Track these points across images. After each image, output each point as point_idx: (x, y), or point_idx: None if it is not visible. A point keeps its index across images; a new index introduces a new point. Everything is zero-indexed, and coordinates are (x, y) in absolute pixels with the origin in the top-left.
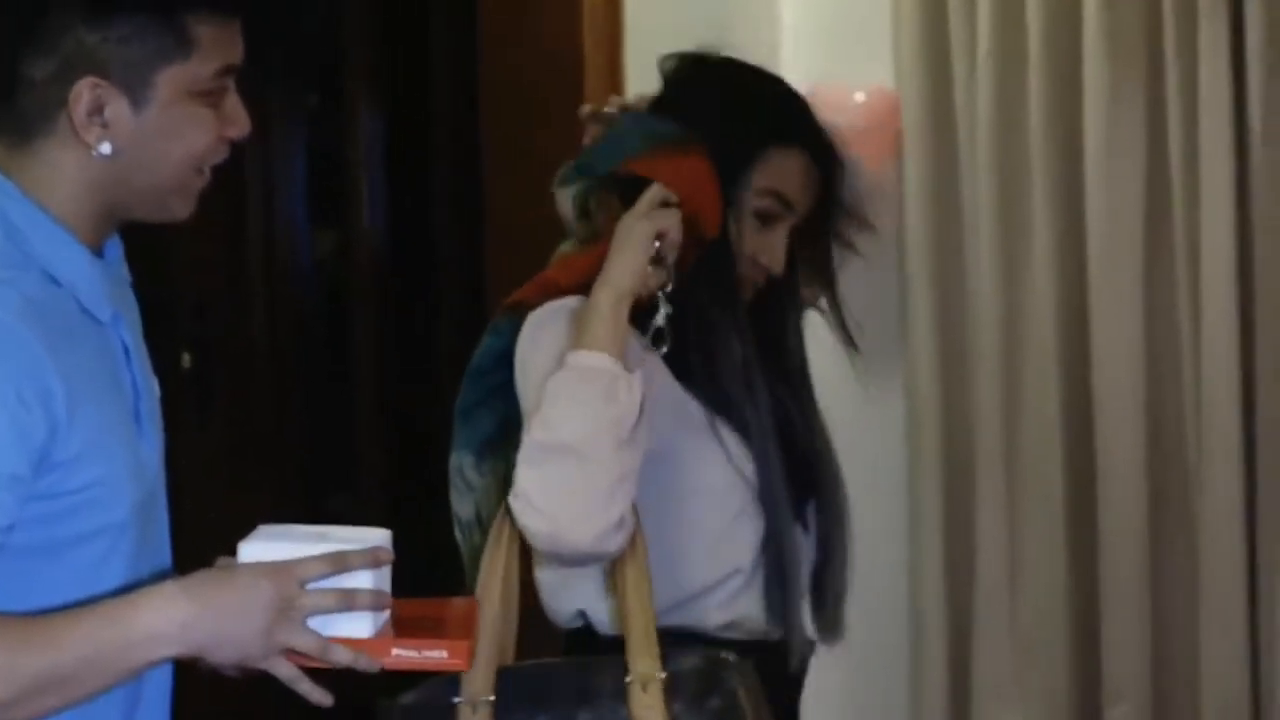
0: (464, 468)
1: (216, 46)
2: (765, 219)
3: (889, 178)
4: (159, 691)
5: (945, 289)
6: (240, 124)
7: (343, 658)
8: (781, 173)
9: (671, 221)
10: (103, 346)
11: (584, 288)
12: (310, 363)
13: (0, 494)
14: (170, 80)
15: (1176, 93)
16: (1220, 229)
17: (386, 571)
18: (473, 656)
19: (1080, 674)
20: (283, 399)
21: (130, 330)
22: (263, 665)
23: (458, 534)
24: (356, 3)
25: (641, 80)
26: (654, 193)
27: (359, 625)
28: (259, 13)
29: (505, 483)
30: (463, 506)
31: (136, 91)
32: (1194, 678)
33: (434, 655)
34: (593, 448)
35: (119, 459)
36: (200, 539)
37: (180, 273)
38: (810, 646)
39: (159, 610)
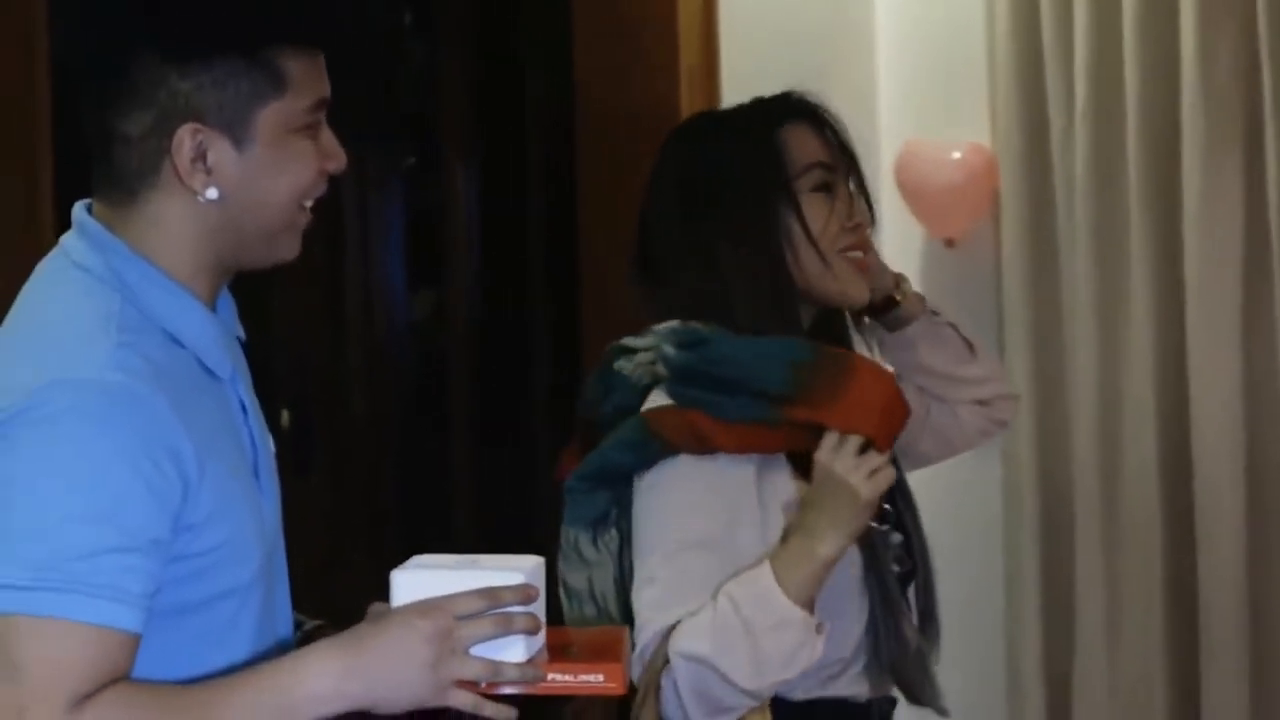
0: (579, 542)
1: (307, 81)
2: (825, 188)
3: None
4: None
5: (1042, 347)
6: (338, 157)
7: (511, 674)
8: (804, 144)
9: (888, 476)
10: (223, 405)
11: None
12: (407, 424)
13: (144, 560)
14: (269, 118)
15: (1275, 150)
16: None
17: (540, 602)
18: (627, 680)
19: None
20: (379, 460)
21: (245, 387)
22: (440, 701)
23: (564, 600)
24: (451, 63)
25: None
26: (853, 444)
27: (513, 652)
28: (340, 45)
29: (619, 558)
30: (574, 577)
31: (238, 133)
32: None
33: (590, 679)
34: (754, 695)
35: (244, 518)
36: (296, 599)
37: (280, 332)
38: (891, 704)
39: (313, 670)
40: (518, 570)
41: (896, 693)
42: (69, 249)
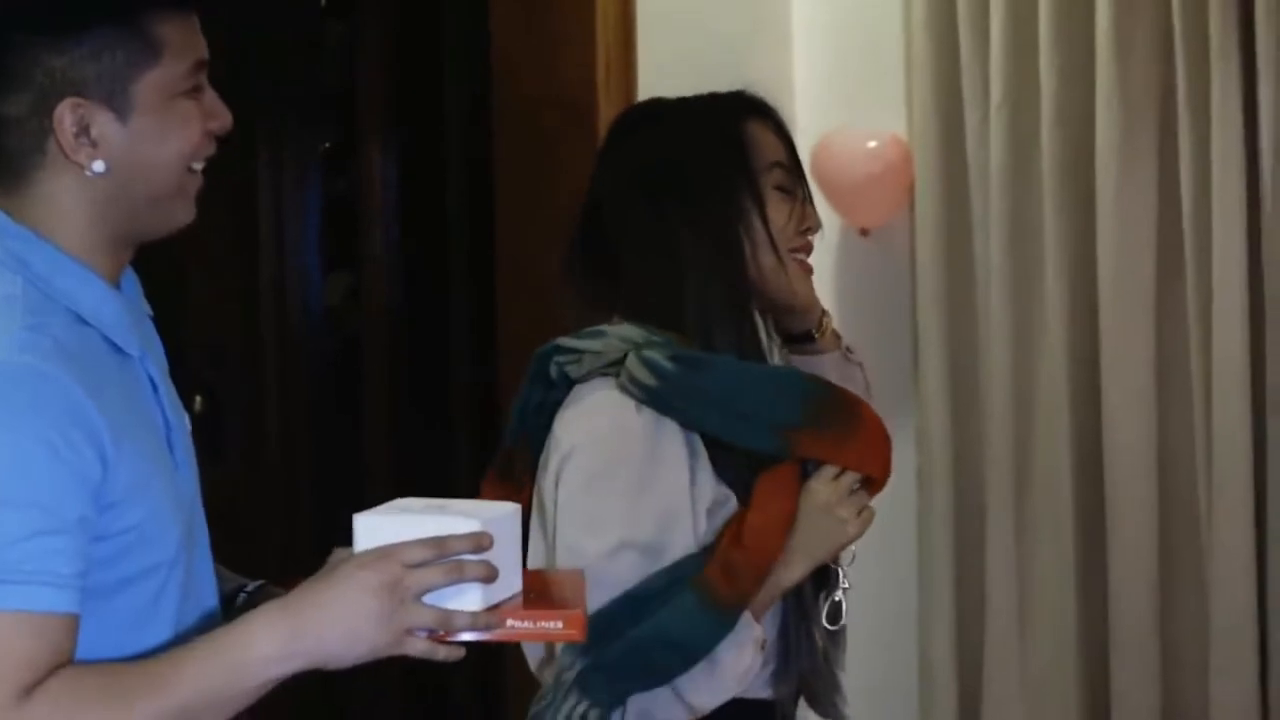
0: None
1: (183, 43)
2: (784, 190)
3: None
4: None
5: (956, 338)
6: (221, 117)
7: (463, 623)
8: (766, 142)
9: (871, 517)
10: (134, 381)
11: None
12: (322, 408)
13: (71, 540)
14: (149, 85)
15: (1189, 144)
16: (1232, 281)
17: (511, 549)
18: (586, 626)
19: (1091, 713)
20: (294, 444)
21: (156, 364)
22: (396, 650)
23: None
24: (368, 46)
25: None
26: (849, 481)
27: (469, 599)
28: (213, 5)
29: None
30: None
31: (119, 103)
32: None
33: (549, 626)
34: (699, 712)
35: (161, 494)
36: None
37: (193, 317)
38: (794, 702)
39: (261, 633)
40: (476, 517)
41: None
42: None
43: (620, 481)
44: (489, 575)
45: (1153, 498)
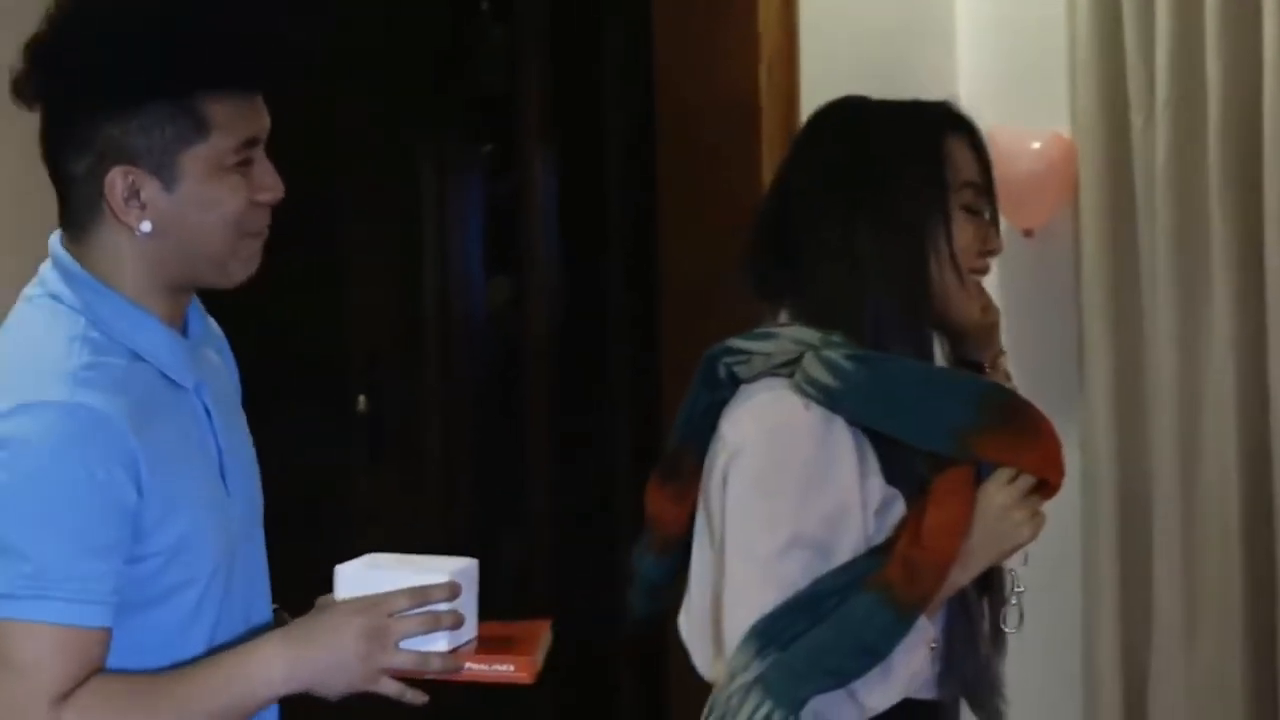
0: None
1: (232, 122)
2: (972, 210)
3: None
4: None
5: (1122, 339)
6: (269, 189)
7: (435, 665)
8: (963, 159)
9: (1044, 518)
10: (187, 412)
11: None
12: (482, 411)
13: (107, 563)
14: (195, 159)
15: None
16: None
17: (470, 598)
18: (538, 671)
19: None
20: (454, 447)
21: (214, 394)
22: (371, 688)
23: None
24: (529, 54)
25: None
26: (1025, 484)
27: (437, 643)
28: (271, 85)
29: None
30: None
31: (165, 174)
32: None
33: (502, 669)
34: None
35: (204, 515)
36: None
37: (355, 320)
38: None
39: (267, 659)
40: (444, 570)
41: None
42: (45, 278)
43: (790, 479)
44: (458, 623)
45: None
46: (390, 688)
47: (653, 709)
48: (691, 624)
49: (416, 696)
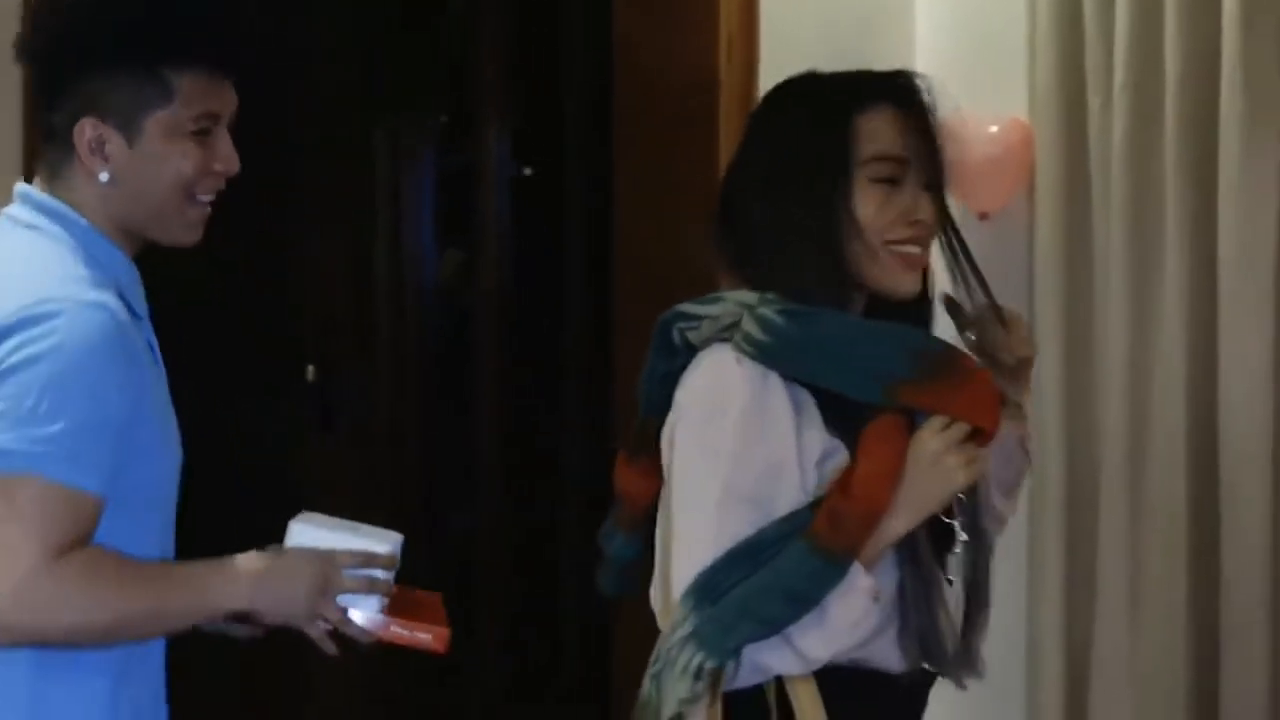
0: None
1: (196, 94)
2: (885, 180)
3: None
4: (152, 662)
5: (1074, 323)
6: (225, 162)
7: (353, 629)
8: (878, 133)
9: (985, 465)
10: (144, 337)
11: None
12: (432, 382)
13: (110, 438)
14: (156, 121)
15: None
16: None
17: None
18: (449, 642)
19: (1198, 709)
20: (404, 417)
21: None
22: (302, 626)
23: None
24: (487, 24)
25: None
26: (958, 431)
27: (368, 605)
28: (237, 70)
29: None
30: None
31: (129, 130)
32: None
33: (422, 637)
34: (815, 665)
35: (166, 428)
36: None
37: (306, 287)
38: (927, 679)
39: (235, 574)
40: (387, 540)
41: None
42: (13, 214)
43: (725, 435)
44: (389, 591)
45: (1268, 487)
46: (316, 631)
47: (599, 671)
48: (658, 593)
49: (330, 647)
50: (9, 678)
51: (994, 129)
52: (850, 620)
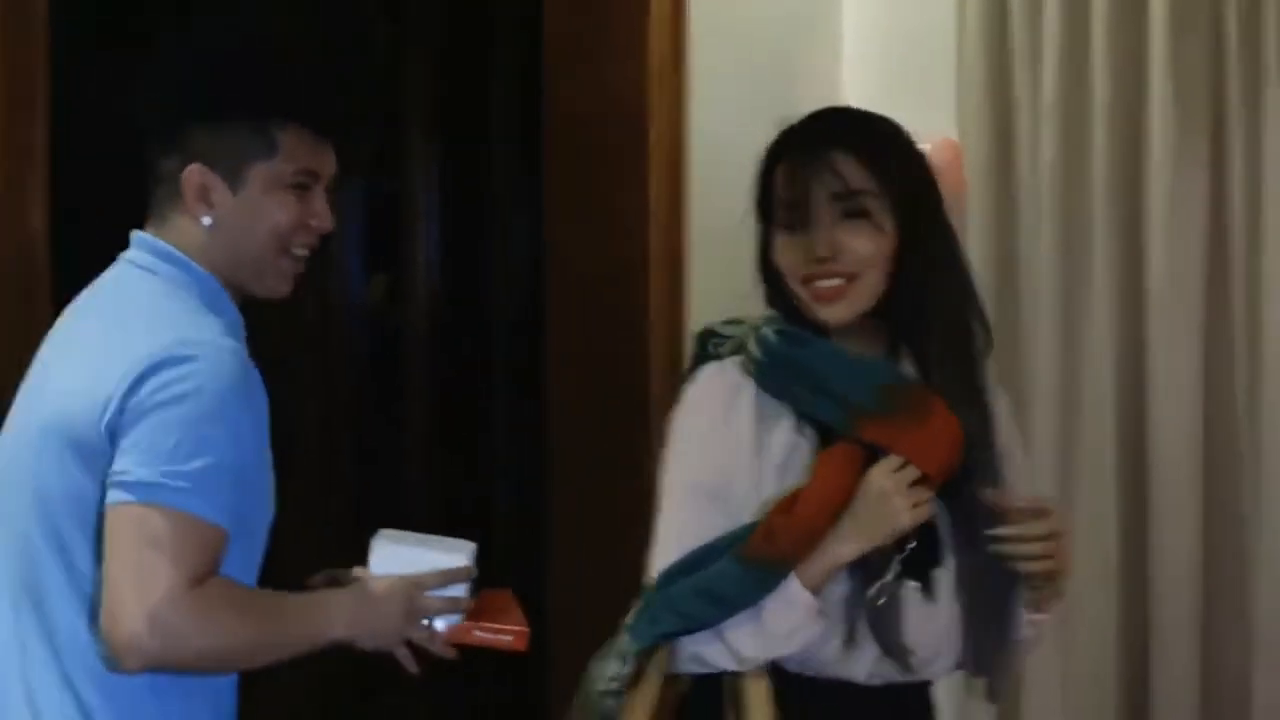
0: None
1: (298, 150)
2: (789, 227)
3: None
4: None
5: (1005, 340)
6: (319, 217)
7: (437, 645)
8: (784, 181)
9: (929, 510)
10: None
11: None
12: (361, 406)
13: (240, 480)
14: (258, 172)
15: (1239, 148)
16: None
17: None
18: (528, 639)
19: (1130, 710)
20: (334, 442)
21: None
22: (393, 649)
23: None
24: (416, 45)
25: (705, 128)
26: (910, 474)
27: (451, 618)
28: (336, 129)
29: None
30: None
31: (233, 179)
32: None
33: (505, 638)
34: (750, 664)
35: (270, 476)
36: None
37: None
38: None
39: (339, 605)
40: (462, 553)
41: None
42: (133, 259)
43: (693, 435)
44: (468, 607)
45: (1197, 499)
46: (403, 652)
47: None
48: None
49: (413, 666)
50: (127, 703)
51: (924, 148)
52: (785, 628)
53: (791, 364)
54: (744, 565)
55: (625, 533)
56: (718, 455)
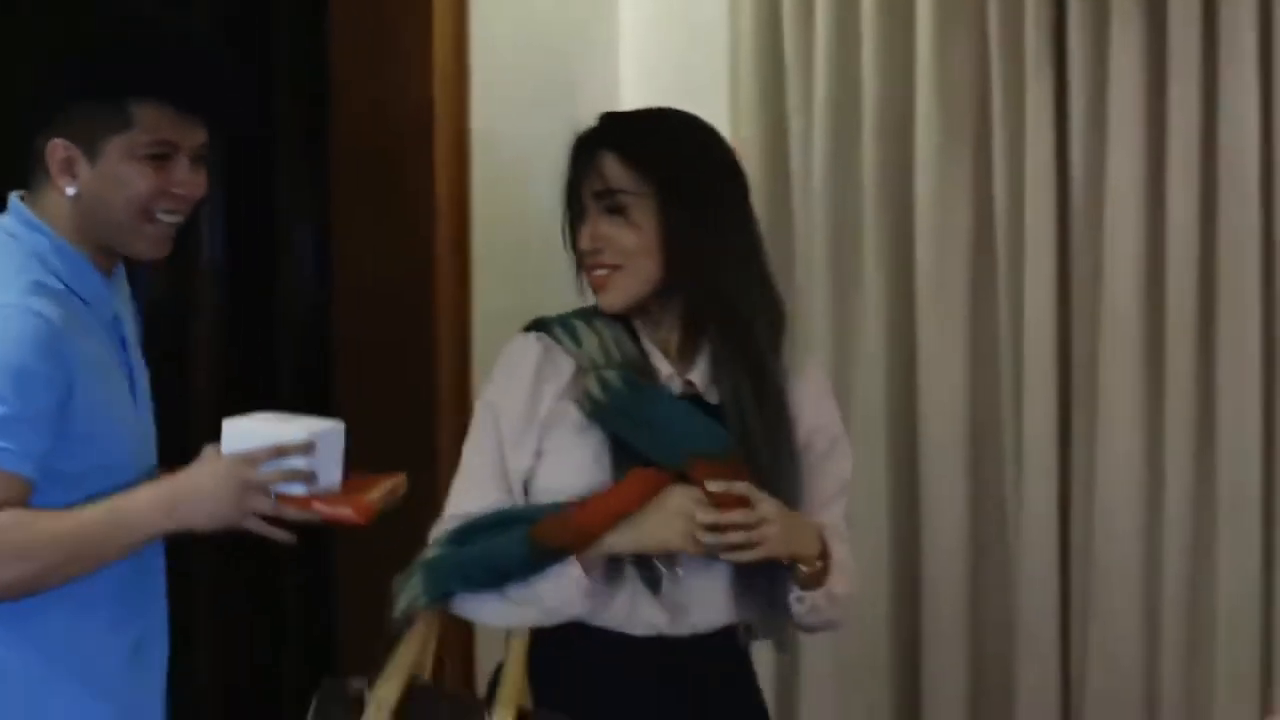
0: None
1: (152, 123)
2: (580, 216)
3: None
4: (154, 570)
5: None
6: (183, 185)
7: (289, 513)
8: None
9: (703, 546)
10: (106, 337)
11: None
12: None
13: (38, 425)
14: (115, 145)
15: (1002, 145)
16: (1043, 282)
17: (333, 456)
18: (372, 515)
19: (902, 710)
20: None
21: (130, 330)
22: (241, 524)
23: None
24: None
25: (487, 128)
26: (711, 514)
27: (295, 489)
28: (193, 103)
29: None
30: None
31: (91, 151)
32: (1009, 704)
33: (344, 511)
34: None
35: (118, 416)
36: None
37: None
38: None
39: (147, 498)
40: (305, 429)
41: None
42: (3, 224)
43: (485, 395)
44: (308, 478)
45: (964, 497)
46: (254, 525)
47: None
48: None
49: (284, 536)
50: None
51: None
52: (557, 601)
53: (634, 413)
54: (533, 547)
55: (419, 526)
56: (507, 420)
